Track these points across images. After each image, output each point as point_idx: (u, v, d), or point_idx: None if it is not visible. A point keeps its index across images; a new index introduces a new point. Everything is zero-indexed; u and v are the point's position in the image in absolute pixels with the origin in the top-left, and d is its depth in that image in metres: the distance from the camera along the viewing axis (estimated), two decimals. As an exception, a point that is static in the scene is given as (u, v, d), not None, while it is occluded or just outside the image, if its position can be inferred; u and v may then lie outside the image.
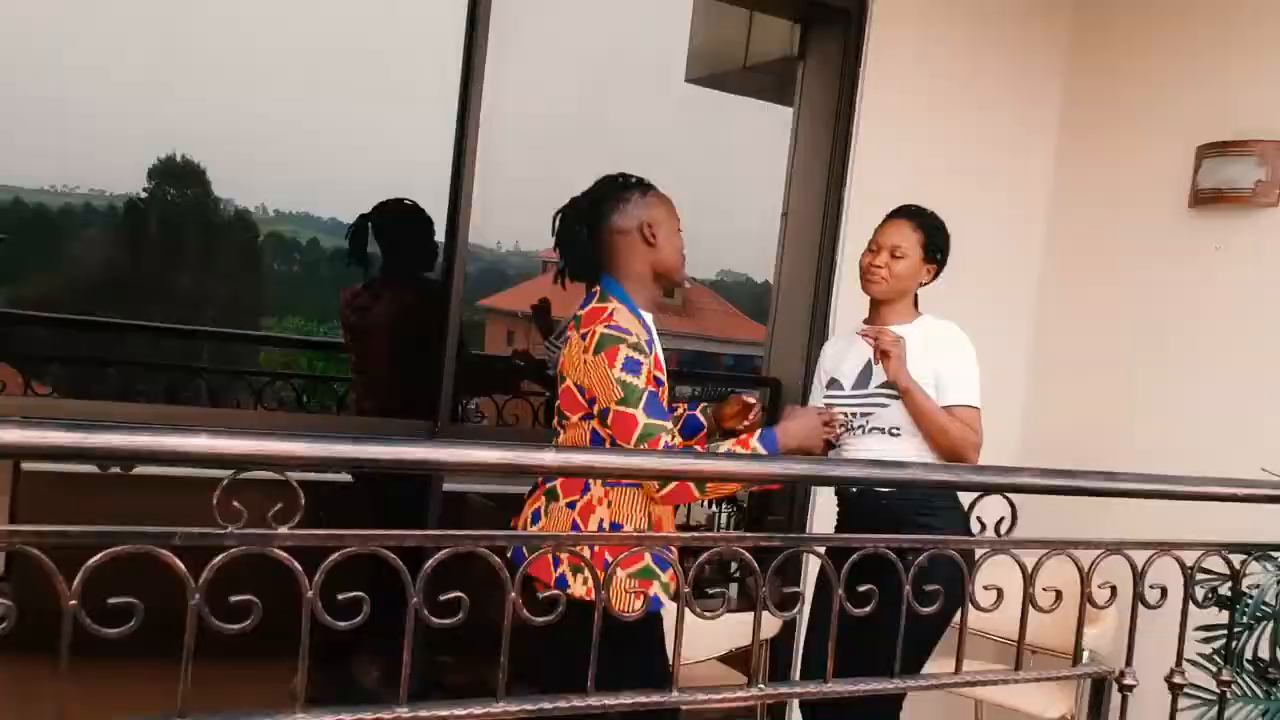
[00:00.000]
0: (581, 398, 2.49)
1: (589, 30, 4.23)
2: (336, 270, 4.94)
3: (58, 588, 1.43)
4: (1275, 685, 2.61)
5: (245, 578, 1.54)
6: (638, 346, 2.44)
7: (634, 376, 2.41)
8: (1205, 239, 3.54)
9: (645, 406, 2.41)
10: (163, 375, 4.74)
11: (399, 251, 3.83)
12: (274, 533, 1.54)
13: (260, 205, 4.50)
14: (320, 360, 5.46)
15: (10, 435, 1.39)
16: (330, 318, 5.13)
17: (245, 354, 5.19)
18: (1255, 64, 3.49)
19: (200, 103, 4.17)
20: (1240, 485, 2.57)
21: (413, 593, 1.61)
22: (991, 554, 2.15)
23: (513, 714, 1.72)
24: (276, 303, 5.01)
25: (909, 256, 2.86)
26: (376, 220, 3.79)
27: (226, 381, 4.68)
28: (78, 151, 4.76)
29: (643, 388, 2.41)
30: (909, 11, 3.83)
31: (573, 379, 2.50)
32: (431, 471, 2.89)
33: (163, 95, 4.13)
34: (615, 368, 2.40)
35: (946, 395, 2.83)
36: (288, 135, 4.45)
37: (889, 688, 2.10)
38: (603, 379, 2.42)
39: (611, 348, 2.42)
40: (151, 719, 1.50)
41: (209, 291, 4.90)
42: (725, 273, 8.05)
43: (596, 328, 2.46)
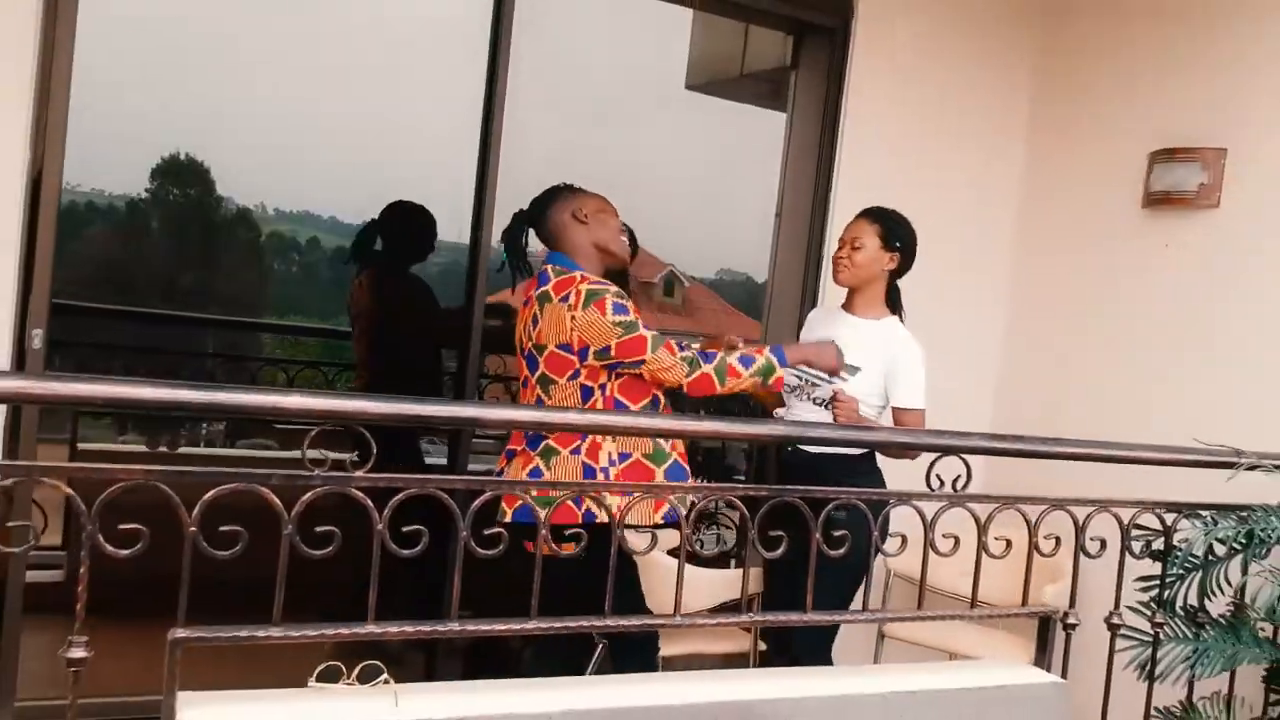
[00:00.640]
0: (570, 355, 2.78)
1: (598, 42, 4.51)
2: (336, 270, 5.17)
3: (181, 517, 1.77)
4: (1203, 628, 2.93)
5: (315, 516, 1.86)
6: (619, 294, 2.79)
7: (625, 315, 2.76)
8: (1156, 236, 3.82)
9: (645, 327, 2.77)
10: (183, 360, 5.01)
11: (404, 246, 4.21)
12: (352, 475, 1.86)
13: (259, 204, 4.60)
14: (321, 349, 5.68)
15: (148, 392, 1.73)
16: (330, 317, 5.39)
17: (247, 341, 5.43)
18: (1199, 79, 3.75)
19: (203, 100, 4.38)
20: (1169, 451, 2.91)
21: (463, 527, 1.94)
22: (949, 507, 2.48)
23: (542, 629, 2.05)
24: (276, 302, 5.13)
25: (866, 247, 3.19)
26: (388, 219, 4.18)
27: (231, 366, 4.99)
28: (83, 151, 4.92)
29: (635, 319, 2.75)
30: (889, 28, 4.09)
31: (555, 341, 2.79)
32: (478, 428, 3.23)
33: (170, 96, 4.31)
34: (608, 313, 2.74)
35: (896, 395, 3.14)
36: (299, 133, 4.62)
37: (860, 618, 2.43)
38: (598, 325, 2.74)
39: (599, 299, 2.75)
40: (253, 630, 1.83)
41: (216, 287, 5.04)
42: (725, 271, 8.22)
43: (578, 287, 2.79)
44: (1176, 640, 2.89)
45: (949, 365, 4.18)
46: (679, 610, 2.17)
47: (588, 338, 2.76)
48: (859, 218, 3.28)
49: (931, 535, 2.46)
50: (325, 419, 1.85)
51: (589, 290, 2.77)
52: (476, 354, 3.45)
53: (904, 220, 3.27)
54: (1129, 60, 3.97)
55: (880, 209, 3.27)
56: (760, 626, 2.89)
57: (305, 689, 1.88)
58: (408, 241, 4.21)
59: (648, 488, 2.52)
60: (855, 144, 4.12)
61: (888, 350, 3.17)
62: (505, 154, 3.59)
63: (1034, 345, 4.28)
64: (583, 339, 2.76)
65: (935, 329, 4.11)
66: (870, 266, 3.21)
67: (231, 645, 1.82)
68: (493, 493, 1.99)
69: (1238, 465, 2.84)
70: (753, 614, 2.33)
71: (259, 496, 1.81)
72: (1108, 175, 4.00)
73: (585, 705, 1.99)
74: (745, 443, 4.47)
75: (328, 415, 1.84)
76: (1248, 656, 2.89)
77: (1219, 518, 2.85)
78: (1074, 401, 4.04)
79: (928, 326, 3.82)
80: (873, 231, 3.21)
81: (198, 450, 4.24)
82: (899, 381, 3.15)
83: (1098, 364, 4.00)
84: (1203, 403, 3.60)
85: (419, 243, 4.22)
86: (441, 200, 4.33)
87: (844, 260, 3.21)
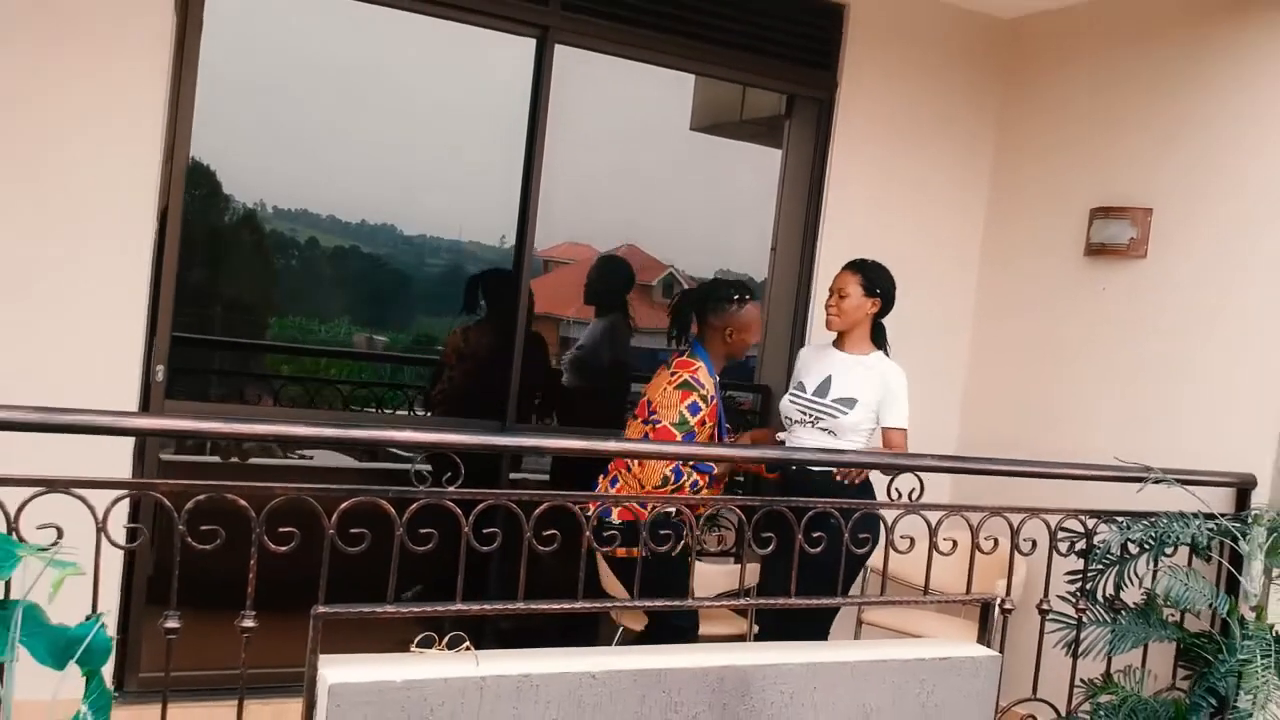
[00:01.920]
0: (648, 410, 3.47)
1: (616, 90, 4.99)
2: (336, 269, 5.47)
3: (323, 523, 2.33)
4: (1119, 614, 3.48)
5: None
6: (704, 398, 3.45)
7: (692, 416, 3.44)
8: (1094, 281, 4.35)
9: (683, 436, 3.41)
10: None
11: (496, 301, 4.64)
12: (445, 490, 2.43)
13: (259, 201, 4.68)
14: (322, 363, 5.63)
15: (299, 430, 2.29)
16: (331, 317, 5.72)
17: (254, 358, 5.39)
18: (1130, 149, 4.26)
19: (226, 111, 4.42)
20: (1090, 468, 3.47)
21: (526, 528, 2.51)
22: (906, 514, 3.04)
23: (588, 609, 2.61)
24: (277, 302, 5.22)
25: (851, 295, 3.68)
26: (484, 279, 4.70)
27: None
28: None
29: (691, 425, 3.41)
30: (869, 101, 4.62)
31: (649, 396, 3.50)
32: (542, 454, 3.84)
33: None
34: (683, 405, 3.41)
35: (886, 417, 3.64)
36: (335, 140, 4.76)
37: (837, 601, 2.99)
38: (672, 406, 3.44)
39: (686, 391, 3.46)
40: (373, 607, 2.39)
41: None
42: (723, 273, 8.61)
43: (684, 374, 3.50)
44: (1097, 624, 3.45)
45: (921, 391, 4.72)
46: (692, 595, 2.74)
47: (660, 406, 3.46)
48: (845, 270, 3.75)
49: (891, 537, 3.03)
50: (426, 448, 2.41)
51: (686, 380, 3.50)
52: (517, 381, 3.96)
53: (883, 269, 3.74)
54: (1074, 131, 4.51)
55: (863, 261, 3.75)
56: (756, 609, 3.42)
57: (409, 653, 2.44)
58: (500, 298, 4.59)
59: (666, 499, 3.08)
60: (839, 200, 4.62)
61: (882, 381, 3.64)
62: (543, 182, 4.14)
63: (994, 373, 4.80)
64: (659, 405, 3.45)
65: (910, 359, 4.68)
66: (855, 313, 3.70)
67: (352, 619, 2.38)
68: (549, 505, 2.55)
69: (1146, 480, 3.39)
70: (749, 598, 2.89)
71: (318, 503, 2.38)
72: (1055, 228, 4.53)
73: (618, 667, 2.56)
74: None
75: (428, 445, 2.41)
76: (1156, 637, 3.46)
77: (1131, 523, 3.41)
78: (1028, 421, 4.55)
79: (903, 357, 4.37)
80: (856, 281, 3.70)
81: (267, 460, 4.68)
82: (891, 406, 3.63)
83: (1047, 389, 4.52)
84: (1135, 421, 4.11)
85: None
86: (444, 199, 4.82)
87: (833, 309, 3.70)
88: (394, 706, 2.32)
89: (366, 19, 3.95)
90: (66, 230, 3.35)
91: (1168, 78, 4.16)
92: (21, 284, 3.31)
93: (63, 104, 3.32)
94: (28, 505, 2.11)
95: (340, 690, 2.28)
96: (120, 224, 3.42)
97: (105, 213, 3.40)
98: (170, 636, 2.28)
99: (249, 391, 5.15)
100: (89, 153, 3.37)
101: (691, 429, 3.40)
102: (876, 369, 3.69)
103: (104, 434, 2.32)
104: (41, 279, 3.33)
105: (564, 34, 4.07)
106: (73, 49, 3.33)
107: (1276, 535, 3.35)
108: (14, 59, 3.26)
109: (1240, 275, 3.86)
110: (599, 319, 4.99)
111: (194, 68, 3.52)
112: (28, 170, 3.30)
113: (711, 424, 3.51)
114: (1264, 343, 3.75)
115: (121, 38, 3.38)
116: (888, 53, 4.64)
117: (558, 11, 4.03)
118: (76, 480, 2.13)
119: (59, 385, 2.82)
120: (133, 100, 3.41)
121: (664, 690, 2.60)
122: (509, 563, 2.64)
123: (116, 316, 3.42)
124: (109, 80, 3.38)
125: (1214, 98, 4.00)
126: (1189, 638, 3.48)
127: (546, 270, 5.31)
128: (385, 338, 5.57)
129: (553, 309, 5.47)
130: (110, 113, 3.38)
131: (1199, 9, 4.06)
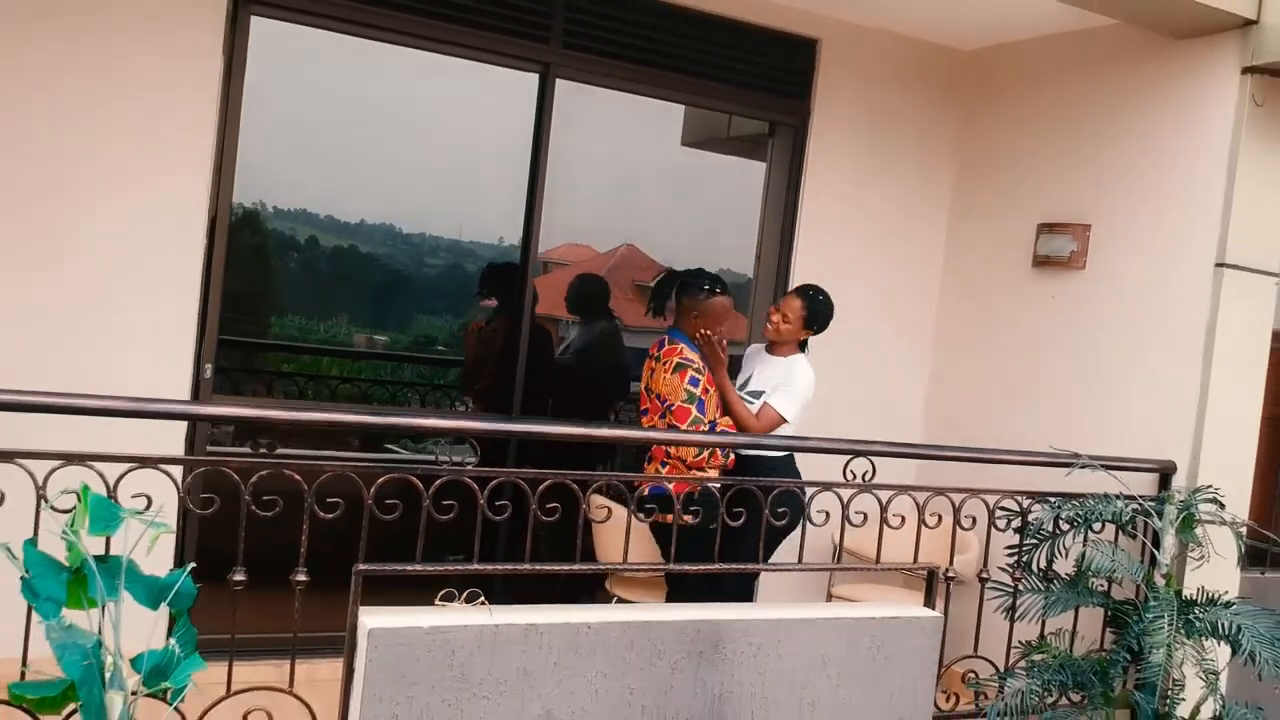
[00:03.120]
0: (659, 402, 3.87)
1: (612, 113, 5.37)
2: (335, 268, 5.74)
3: (364, 495, 2.75)
4: (1051, 582, 3.89)
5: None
6: (698, 370, 3.85)
7: (695, 388, 3.85)
8: (1042, 289, 4.77)
9: (696, 407, 3.82)
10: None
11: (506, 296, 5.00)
12: (462, 468, 2.85)
13: (258, 202, 4.80)
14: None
15: (347, 418, 2.71)
16: (331, 316, 5.98)
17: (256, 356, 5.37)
18: (1072, 172, 4.68)
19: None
20: (1025, 454, 3.89)
21: (533, 501, 2.93)
22: (859, 493, 3.46)
23: (584, 570, 3.03)
24: (277, 301, 5.34)
25: (793, 323, 4.10)
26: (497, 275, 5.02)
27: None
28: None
29: (697, 394, 3.81)
30: (839, 126, 5.04)
31: (653, 389, 3.90)
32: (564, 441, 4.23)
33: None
34: (685, 384, 3.80)
35: (774, 397, 4.01)
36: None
37: (796, 569, 3.41)
38: (676, 388, 3.84)
39: (682, 371, 3.86)
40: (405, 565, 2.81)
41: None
42: (723, 272, 8.82)
43: (674, 359, 3.89)
44: (1032, 591, 3.86)
45: (890, 385, 5.20)
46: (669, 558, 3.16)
47: (666, 393, 3.86)
48: (795, 295, 4.18)
49: (847, 513, 3.45)
50: (457, 433, 2.83)
51: (678, 363, 3.89)
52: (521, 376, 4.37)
53: (827, 303, 4.14)
54: (1024, 154, 4.94)
55: (813, 293, 4.15)
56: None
57: (433, 607, 2.85)
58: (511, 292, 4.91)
59: (654, 478, 3.51)
60: (813, 213, 5.05)
61: (787, 372, 4.06)
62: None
63: (953, 369, 5.22)
64: (665, 394, 3.85)
65: (879, 358, 5.14)
66: (789, 335, 4.14)
67: (387, 576, 2.80)
68: (552, 481, 2.96)
69: (1074, 465, 3.81)
70: (721, 564, 3.31)
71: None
72: (1007, 242, 4.96)
73: (610, 619, 2.98)
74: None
75: (459, 431, 2.83)
76: (1084, 603, 3.87)
77: (1062, 502, 3.82)
78: (983, 412, 4.97)
79: (871, 356, 4.80)
80: (799, 310, 4.11)
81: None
82: (779, 390, 4.02)
83: (1000, 384, 4.94)
84: (1076, 413, 4.54)
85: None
86: (447, 201, 5.19)
87: (773, 326, 4.14)
88: (422, 648, 2.74)
89: (389, 56, 4.37)
90: (134, 248, 3.76)
91: (1106, 108, 4.58)
92: (100, 295, 3.73)
93: (124, 136, 3.74)
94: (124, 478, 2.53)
95: (377, 634, 2.69)
96: (176, 239, 3.84)
97: (164, 231, 3.81)
98: (237, 588, 2.70)
99: (259, 387, 5.40)
100: (143, 173, 3.78)
101: (699, 398, 3.82)
102: (788, 365, 4.11)
103: (187, 420, 2.77)
104: (113, 290, 3.74)
105: (563, 69, 4.49)
106: (130, 103, 3.74)
107: (1186, 514, 3.77)
108: (82, 104, 3.68)
109: (1165, 285, 4.28)
110: (586, 324, 5.36)
111: (239, 104, 3.94)
112: (100, 194, 3.72)
113: (713, 389, 3.92)
114: (1183, 347, 4.17)
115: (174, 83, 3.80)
116: (857, 83, 5.06)
117: (558, 50, 4.46)
118: (163, 458, 2.55)
119: (123, 383, 3.21)
120: (187, 130, 3.83)
121: (648, 639, 3.02)
122: (516, 543, 3.07)
123: (173, 321, 3.83)
124: (168, 114, 3.80)
125: (1145, 127, 4.42)
126: (1115, 605, 3.89)
127: (546, 271, 5.52)
128: (385, 336, 5.80)
129: (553, 310, 5.83)
130: (168, 142, 3.80)
131: (1132, 49, 4.47)
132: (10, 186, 3.59)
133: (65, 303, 3.68)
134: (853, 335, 4.80)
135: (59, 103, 3.63)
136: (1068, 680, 3.74)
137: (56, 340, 3.64)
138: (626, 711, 2.97)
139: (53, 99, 3.62)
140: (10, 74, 3.55)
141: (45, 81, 3.60)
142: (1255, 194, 4.11)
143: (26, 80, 3.58)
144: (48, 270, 3.65)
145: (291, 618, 2.77)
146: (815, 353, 4.21)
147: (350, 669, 2.71)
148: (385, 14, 4.11)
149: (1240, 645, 3.51)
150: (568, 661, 2.90)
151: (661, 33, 4.69)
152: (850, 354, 4.91)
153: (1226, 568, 3.86)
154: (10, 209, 3.59)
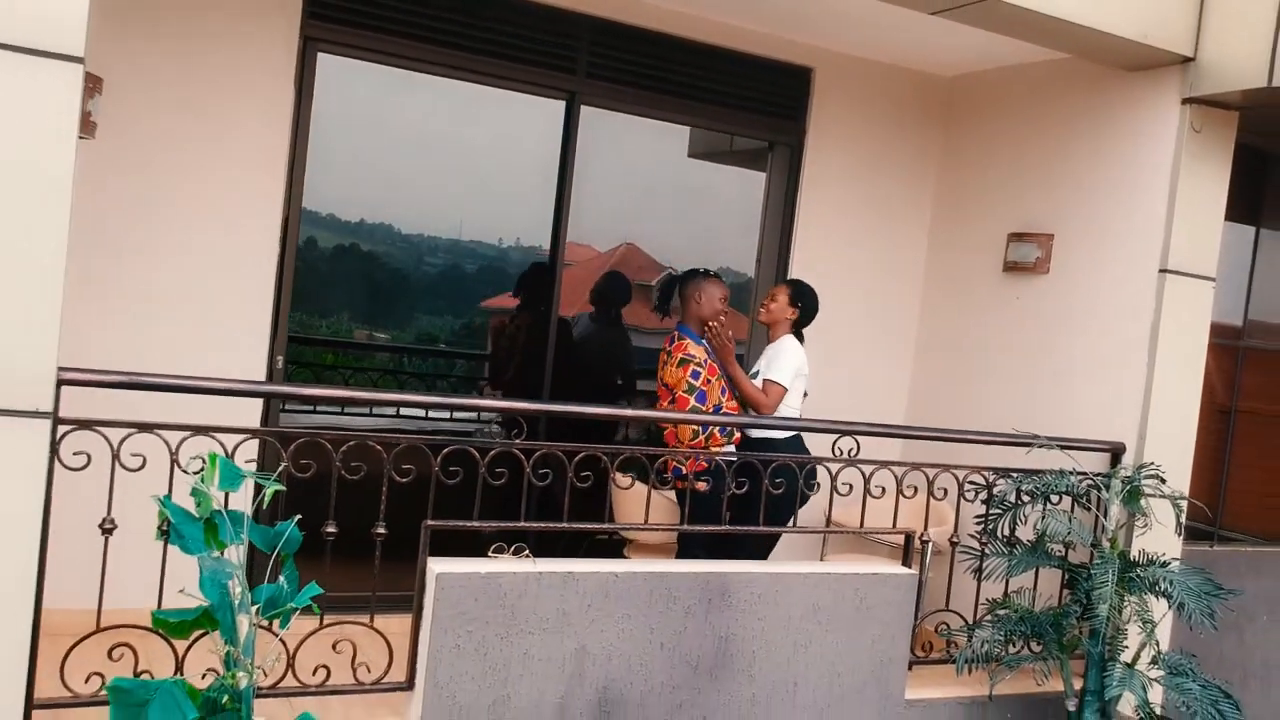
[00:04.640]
0: (668, 391, 4.33)
1: (628, 130, 5.83)
2: (335, 268, 6.15)
3: (431, 462, 3.25)
4: (1014, 548, 4.37)
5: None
6: (700, 363, 4.30)
7: (695, 380, 4.31)
8: (1010, 291, 5.24)
9: (695, 397, 4.29)
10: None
11: (535, 293, 5.41)
12: (512, 442, 3.34)
13: (330, 213, 5.16)
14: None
15: (411, 397, 3.20)
16: (331, 314, 6.30)
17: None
18: (1037, 186, 5.14)
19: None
20: (990, 435, 4.37)
21: (569, 469, 3.42)
22: (846, 467, 3.94)
23: (610, 529, 3.52)
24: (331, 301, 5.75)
25: (779, 302, 4.60)
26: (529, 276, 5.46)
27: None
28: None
29: (697, 386, 4.27)
30: (831, 143, 5.50)
31: (665, 380, 4.36)
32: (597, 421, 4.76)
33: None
34: (687, 376, 4.27)
35: (768, 372, 4.51)
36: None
37: (790, 530, 3.90)
38: (680, 379, 4.30)
39: (685, 365, 4.32)
40: (466, 522, 3.30)
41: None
42: (724, 271, 9.16)
43: (679, 354, 4.35)
44: (997, 555, 4.34)
45: (877, 375, 5.69)
46: (683, 522, 3.65)
47: (672, 383, 4.33)
48: (779, 284, 4.76)
49: (835, 485, 3.94)
50: (501, 410, 3.32)
51: (682, 358, 4.35)
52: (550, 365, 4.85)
53: (810, 291, 4.65)
54: (997, 169, 5.42)
55: (797, 281, 4.72)
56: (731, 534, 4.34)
57: (488, 557, 3.34)
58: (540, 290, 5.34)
59: (668, 452, 4.00)
60: (808, 223, 5.51)
61: (777, 349, 4.55)
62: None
63: (933, 361, 5.70)
64: (672, 384, 4.32)
65: (869, 350, 5.61)
66: (778, 314, 4.63)
67: (450, 531, 3.28)
68: (586, 453, 3.46)
69: (1033, 444, 4.29)
70: (729, 526, 3.81)
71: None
72: (981, 249, 5.44)
73: (635, 570, 3.47)
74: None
75: (502, 409, 3.31)
76: (1043, 564, 4.34)
77: (1023, 478, 4.30)
78: (958, 398, 5.44)
79: (862, 350, 5.25)
80: (785, 292, 4.65)
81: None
82: (771, 364, 4.51)
83: (974, 374, 5.41)
84: (1038, 398, 5.01)
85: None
86: (449, 202, 5.64)
87: (763, 309, 4.68)
88: (479, 589, 3.23)
89: (432, 85, 4.86)
90: (223, 254, 4.25)
91: (1066, 131, 5.06)
92: (198, 295, 4.21)
93: (214, 161, 4.24)
94: (240, 445, 3.03)
95: (444, 578, 3.19)
96: (258, 243, 4.32)
97: (246, 241, 4.30)
98: (328, 538, 3.19)
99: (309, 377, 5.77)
100: (232, 194, 4.27)
101: (699, 389, 4.29)
102: (778, 345, 4.60)
103: (283, 398, 3.23)
104: (207, 290, 4.22)
105: (588, 96, 4.98)
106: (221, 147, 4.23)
107: (1131, 487, 4.25)
108: (186, 135, 4.17)
109: (1116, 288, 4.75)
110: (593, 320, 5.71)
111: (306, 131, 4.43)
112: (196, 208, 4.21)
113: (715, 379, 4.37)
114: (1132, 342, 4.65)
115: (249, 121, 4.30)
116: (848, 107, 5.54)
117: (584, 80, 4.94)
118: (270, 430, 3.04)
119: (218, 372, 3.69)
120: (263, 158, 4.33)
121: (666, 588, 3.51)
122: (545, 509, 3.54)
123: (252, 318, 4.32)
124: (252, 142, 4.29)
125: (1099, 148, 4.90)
126: (1070, 567, 4.37)
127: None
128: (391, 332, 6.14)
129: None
130: (248, 165, 4.29)
131: (1093, 77, 4.93)
132: (133, 204, 4.08)
133: (166, 298, 4.15)
134: (844, 330, 5.31)
135: (170, 135, 4.13)
136: (1028, 631, 4.22)
137: (165, 331, 4.13)
138: (648, 648, 3.47)
139: (165, 133, 4.13)
140: (133, 113, 4.04)
141: (157, 119, 4.11)
142: (1194, 209, 4.59)
143: (146, 119, 4.09)
144: (153, 271, 4.12)
145: (368, 580, 3.25)
146: (811, 346, 4.68)
147: (420, 607, 3.20)
148: (433, 50, 4.60)
149: (1173, 598, 3.99)
150: (599, 604, 3.39)
151: (673, 63, 5.17)
152: (841, 346, 5.40)
153: (1167, 535, 4.32)
154: (129, 225, 4.08)
